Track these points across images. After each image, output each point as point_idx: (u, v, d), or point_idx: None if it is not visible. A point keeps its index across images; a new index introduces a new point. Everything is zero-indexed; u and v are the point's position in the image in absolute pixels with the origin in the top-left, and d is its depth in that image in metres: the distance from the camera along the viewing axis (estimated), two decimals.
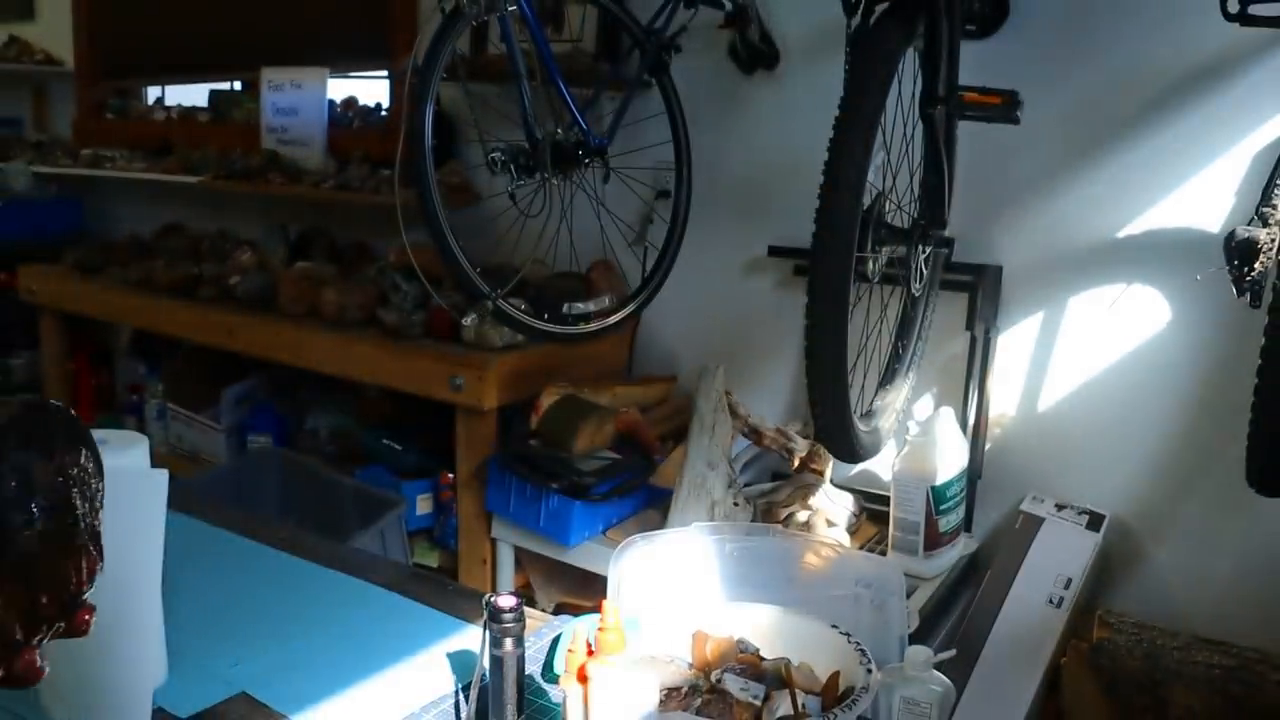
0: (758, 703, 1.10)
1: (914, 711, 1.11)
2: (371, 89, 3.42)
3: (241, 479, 2.66)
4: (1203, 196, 1.96)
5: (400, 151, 1.78)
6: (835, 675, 1.15)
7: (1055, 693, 1.89)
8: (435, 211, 1.79)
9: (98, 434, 1.12)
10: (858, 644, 1.16)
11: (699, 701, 1.11)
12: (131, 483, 1.05)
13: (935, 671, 1.13)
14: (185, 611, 1.22)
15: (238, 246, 3.09)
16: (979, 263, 2.16)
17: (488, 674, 1.08)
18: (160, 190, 3.52)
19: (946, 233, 1.87)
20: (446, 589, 1.42)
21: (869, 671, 1.13)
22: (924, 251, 1.87)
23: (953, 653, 1.29)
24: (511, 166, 1.86)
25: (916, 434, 1.98)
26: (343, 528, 2.40)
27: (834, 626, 1.20)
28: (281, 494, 2.65)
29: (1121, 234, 2.04)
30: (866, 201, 1.59)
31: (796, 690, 1.10)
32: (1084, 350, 2.11)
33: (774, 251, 2.40)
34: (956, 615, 2.01)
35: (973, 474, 2.12)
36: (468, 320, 2.00)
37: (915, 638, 1.57)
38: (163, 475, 1.06)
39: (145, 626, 1.09)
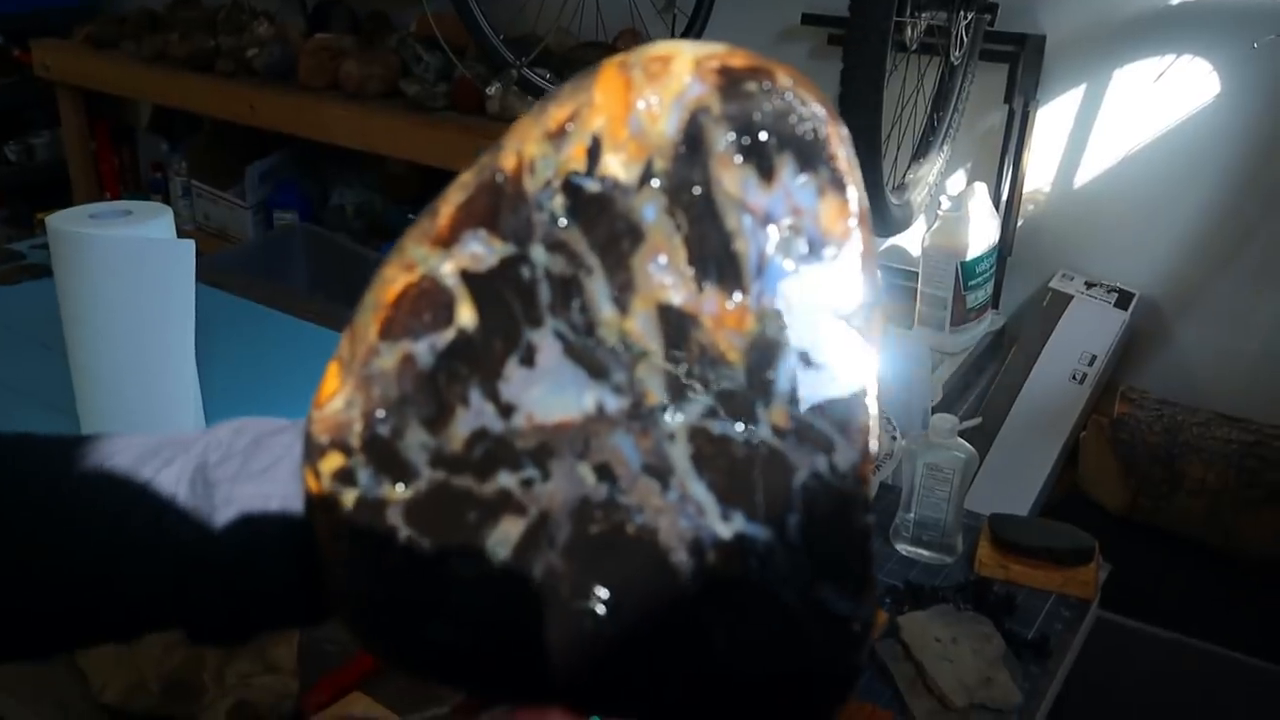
0: None
1: (937, 477, 1.14)
2: None
3: (268, 255, 2.67)
4: None
5: None
6: None
7: (1073, 465, 1.93)
8: None
9: (123, 205, 1.12)
10: (883, 412, 1.18)
11: None
12: (160, 252, 1.06)
13: (959, 439, 1.15)
14: (220, 383, 1.24)
15: (254, 18, 2.99)
16: (1021, 32, 2.06)
17: None
18: None
19: None
20: None
21: (893, 439, 1.15)
22: (966, 17, 1.79)
23: (978, 420, 1.31)
24: None
25: (948, 209, 1.94)
26: None
27: None
28: (308, 269, 2.66)
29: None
30: None
31: None
32: (1126, 125, 2.04)
33: (808, 19, 2.30)
34: (980, 389, 2.03)
35: (1003, 250, 2.10)
36: (492, 90, 1.95)
37: (938, 411, 1.59)
38: (189, 245, 1.06)
39: (182, 394, 1.12)
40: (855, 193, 0.35)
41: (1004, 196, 2.11)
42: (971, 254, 1.93)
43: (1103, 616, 1.18)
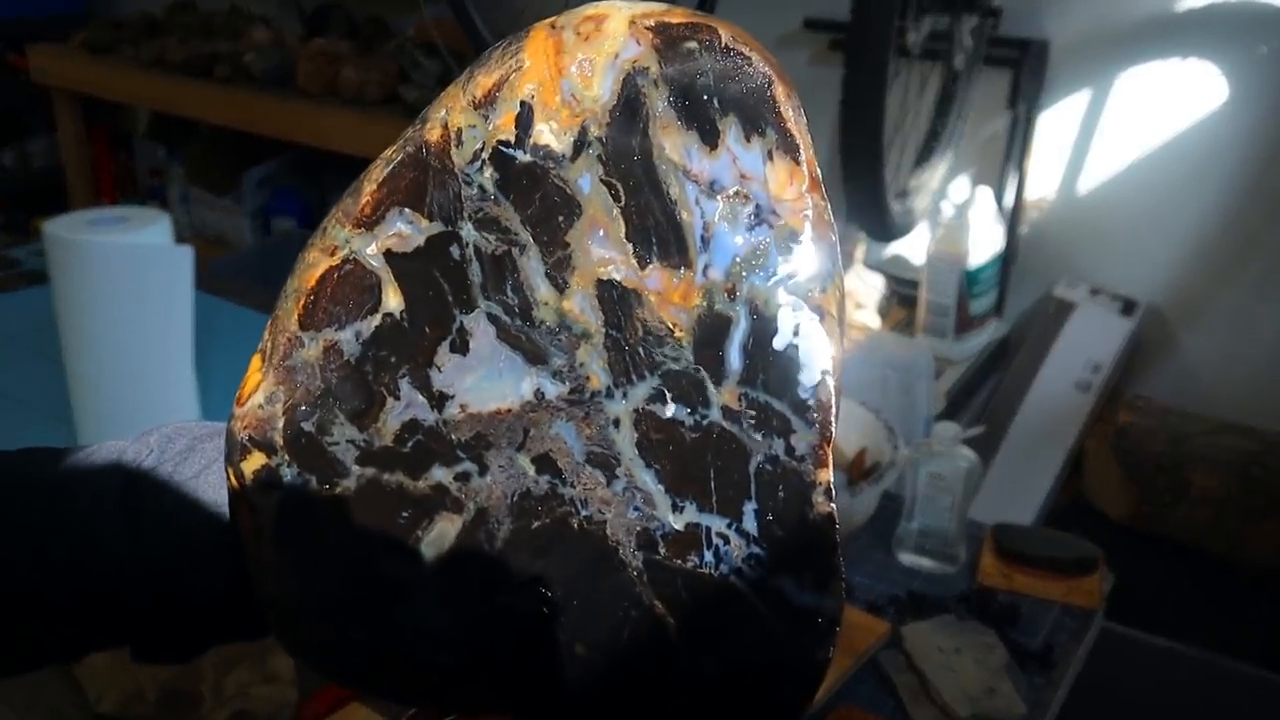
0: None
1: (940, 486, 1.13)
2: None
3: (266, 261, 2.66)
4: None
5: None
6: (862, 452, 1.16)
7: (1077, 474, 1.92)
8: None
9: (120, 211, 1.11)
10: (886, 421, 1.17)
11: None
12: (158, 258, 1.05)
13: (962, 448, 1.14)
14: (219, 391, 1.23)
15: (251, 23, 2.99)
16: (1025, 37, 2.05)
17: None
18: None
19: (994, 2, 1.78)
20: None
21: (896, 448, 1.14)
22: (969, 22, 1.78)
23: (982, 429, 1.30)
24: None
25: (952, 215, 1.93)
26: None
27: (862, 403, 1.20)
28: None
29: (1182, 5, 1.93)
30: None
31: None
32: (1130, 131, 2.03)
33: (809, 25, 2.29)
34: (983, 397, 2.02)
35: (1007, 257, 2.09)
36: None
37: (941, 419, 1.59)
38: (187, 251, 1.05)
39: (181, 402, 1.11)
40: (806, 155, 0.33)
41: (1008, 203, 2.10)
42: (975, 261, 1.92)
43: (1107, 626, 1.17)
